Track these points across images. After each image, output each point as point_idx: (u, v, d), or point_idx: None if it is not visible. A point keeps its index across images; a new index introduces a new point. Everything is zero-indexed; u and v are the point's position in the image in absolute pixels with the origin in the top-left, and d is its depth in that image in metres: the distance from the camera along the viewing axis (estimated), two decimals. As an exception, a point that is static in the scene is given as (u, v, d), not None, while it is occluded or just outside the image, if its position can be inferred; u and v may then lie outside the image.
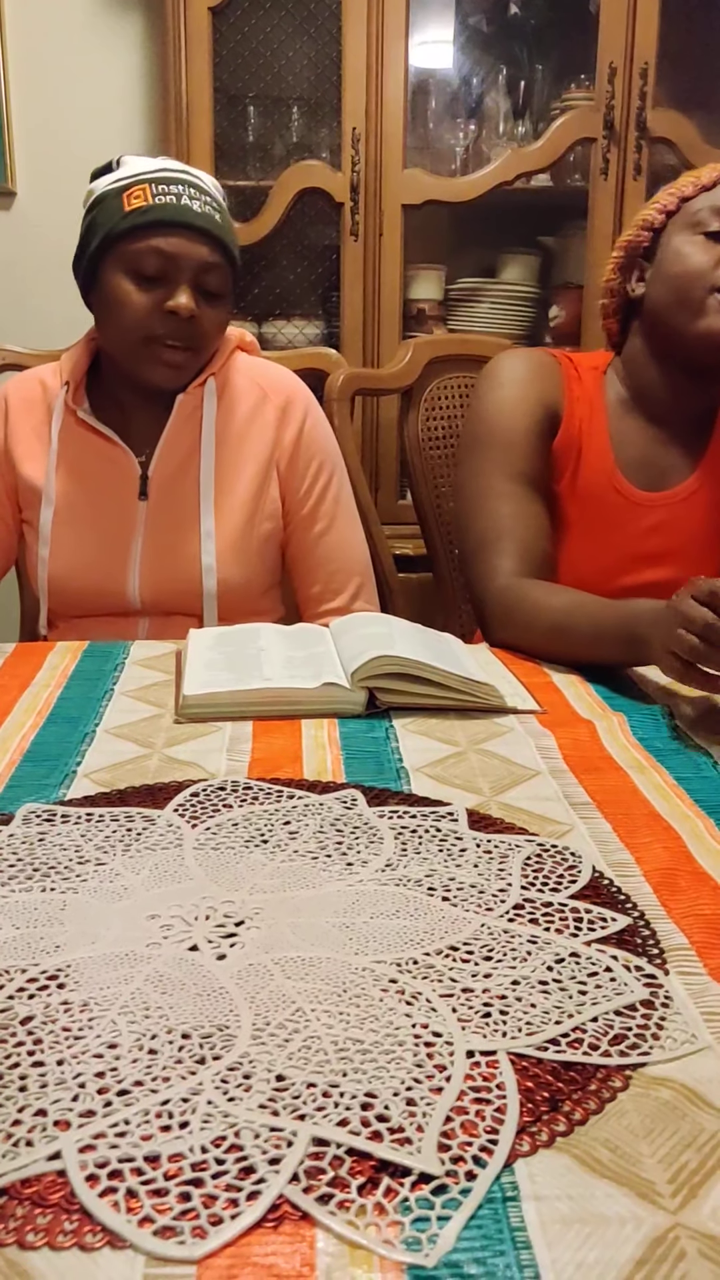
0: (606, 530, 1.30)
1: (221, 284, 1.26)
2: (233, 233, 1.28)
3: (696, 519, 1.30)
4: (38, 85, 2.39)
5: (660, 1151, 0.42)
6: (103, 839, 0.69)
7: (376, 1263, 0.37)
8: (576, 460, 1.30)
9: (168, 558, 1.31)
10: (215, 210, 1.25)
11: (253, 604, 1.36)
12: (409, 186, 2.20)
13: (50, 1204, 0.40)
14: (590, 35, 2.15)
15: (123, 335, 1.25)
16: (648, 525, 1.30)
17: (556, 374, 1.32)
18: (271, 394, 1.36)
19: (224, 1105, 0.44)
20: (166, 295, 1.22)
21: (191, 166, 1.29)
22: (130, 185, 1.23)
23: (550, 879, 0.64)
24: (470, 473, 1.29)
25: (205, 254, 1.22)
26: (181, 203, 1.22)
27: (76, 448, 1.32)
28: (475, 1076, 0.46)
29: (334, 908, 0.60)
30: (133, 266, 1.22)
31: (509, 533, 1.23)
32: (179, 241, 1.21)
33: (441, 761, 0.83)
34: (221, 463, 1.33)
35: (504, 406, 1.29)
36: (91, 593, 1.33)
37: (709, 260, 1.21)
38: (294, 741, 0.87)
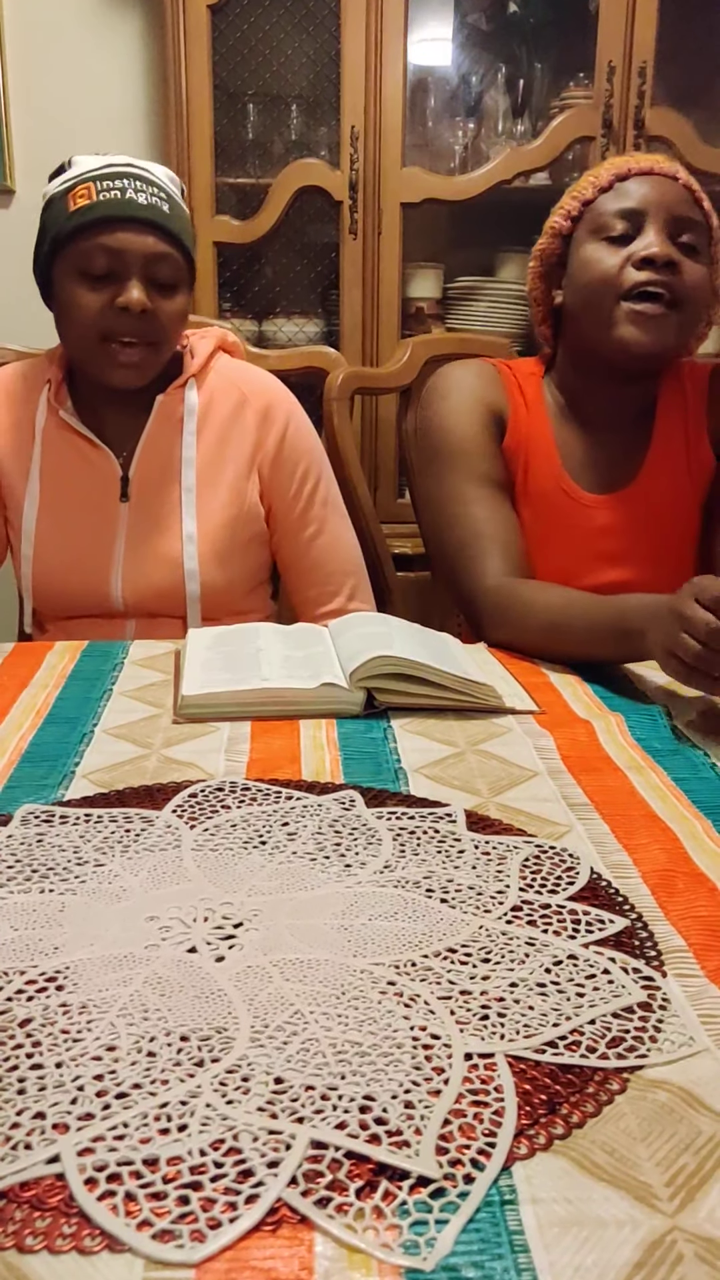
0: (560, 533, 1.30)
1: (174, 274, 1.23)
2: (184, 222, 1.25)
3: (645, 517, 1.31)
4: (37, 83, 2.38)
5: (658, 1154, 0.42)
6: (101, 840, 0.69)
7: (375, 1266, 0.38)
8: (525, 464, 1.31)
9: (150, 560, 1.31)
10: (163, 201, 1.22)
11: (237, 604, 1.36)
12: (408, 185, 2.20)
13: (49, 1207, 0.40)
14: (589, 34, 2.15)
15: (79, 338, 1.24)
16: (599, 526, 1.30)
17: (498, 381, 1.33)
18: (251, 397, 1.35)
19: (222, 1108, 0.44)
20: (118, 292, 1.20)
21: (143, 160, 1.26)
22: (75, 185, 1.21)
23: (548, 881, 0.64)
24: (435, 483, 1.29)
25: (153, 245, 1.20)
26: (125, 197, 1.19)
27: (59, 448, 1.32)
28: (473, 1079, 0.46)
29: (332, 909, 0.60)
30: (81, 266, 1.20)
31: (487, 534, 1.23)
32: (125, 236, 1.19)
33: (440, 762, 0.83)
34: (201, 465, 1.32)
35: (455, 415, 1.29)
36: (75, 594, 1.32)
37: (616, 264, 1.20)
38: (292, 742, 0.87)
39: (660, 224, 1.19)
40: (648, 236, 1.19)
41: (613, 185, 1.23)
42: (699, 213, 1.22)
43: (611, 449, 1.31)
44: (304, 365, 1.60)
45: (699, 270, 1.20)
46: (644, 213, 1.20)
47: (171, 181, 1.27)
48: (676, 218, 1.20)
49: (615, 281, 1.20)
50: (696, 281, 1.20)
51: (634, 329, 1.20)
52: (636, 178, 1.22)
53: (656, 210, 1.20)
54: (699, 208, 1.22)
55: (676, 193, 1.21)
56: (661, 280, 1.18)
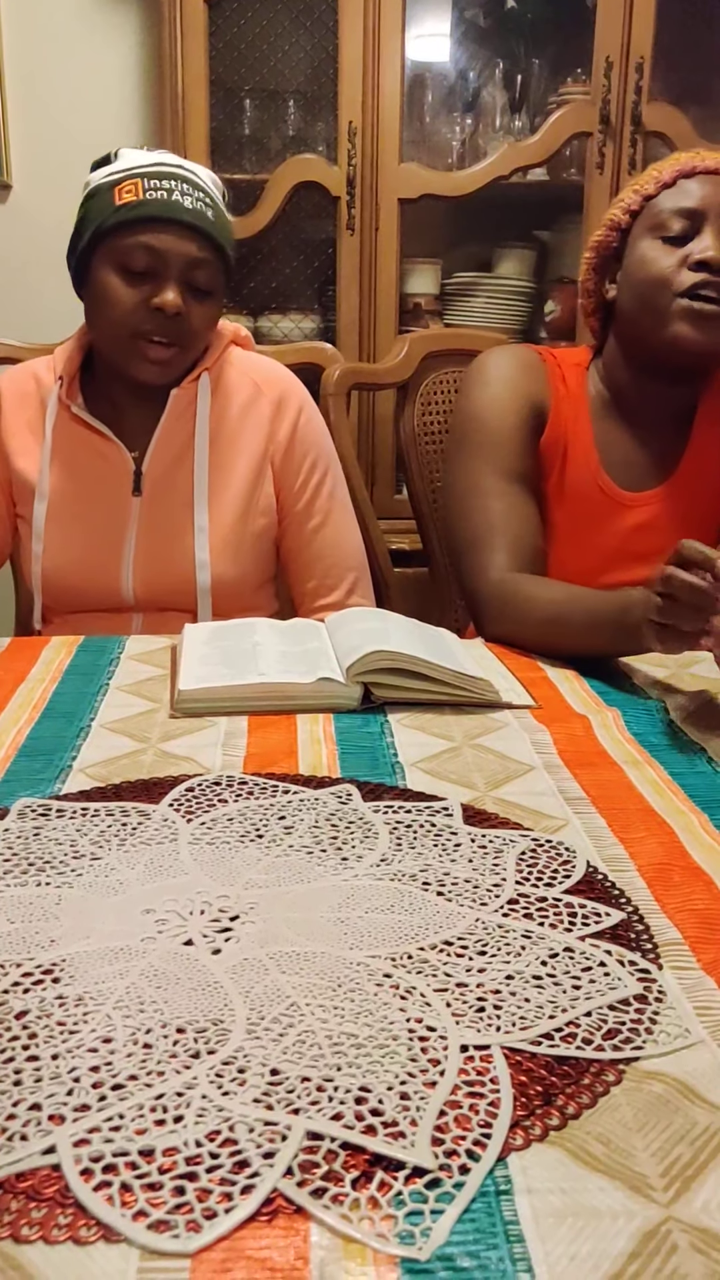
0: (591, 530, 1.30)
1: (211, 281, 1.25)
2: (227, 229, 1.27)
3: (677, 518, 1.30)
4: (34, 78, 2.38)
5: (653, 1145, 0.43)
6: (98, 834, 0.69)
7: (370, 1256, 0.38)
8: (563, 459, 1.30)
9: (161, 553, 1.31)
10: (208, 206, 1.24)
11: (247, 600, 1.36)
12: (405, 180, 2.20)
13: (45, 1198, 0.40)
14: (587, 29, 2.15)
15: (110, 330, 1.25)
16: (631, 525, 1.30)
17: (542, 371, 1.32)
18: (265, 389, 1.36)
19: (218, 1099, 0.44)
20: (154, 291, 1.21)
21: (189, 161, 1.28)
22: (122, 180, 1.22)
23: (544, 874, 0.64)
24: (460, 471, 1.29)
25: (194, 250, 1.21)
26: (172, 198, 1.21)
27: (70, 443, 1.32)
28: (469, 1071, 0.46)
29: (329, 902, 0.60)
30: (121, 262, 1.21)
31: (500, 529, 1.22)
32: (168, 238, 1.20)
33: (436, 756, 0.83)
34: (215, 458, 1.33)
35: (492, 404, 1.28)
36: (85, 588, 1.33)
37: (672, 265, 1.19)
38: (289, 736, 0.87)
39: (715, 226, 1.18)
40: (705, 239, 1.18)
41: (676, 182, 1.21)
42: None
43: (650, 446, 1.31)
44: (301, 361, 1.59)
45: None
46: (704, 213, 1.19)
47: (215, 185, 1.28)
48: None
49: (670, 281, 1.19)
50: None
51: (687, 326, 1.19)
52: (700, 176, 1.20)
53: (716, 212, 1.18)
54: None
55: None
56: (715, 283, 1.17)
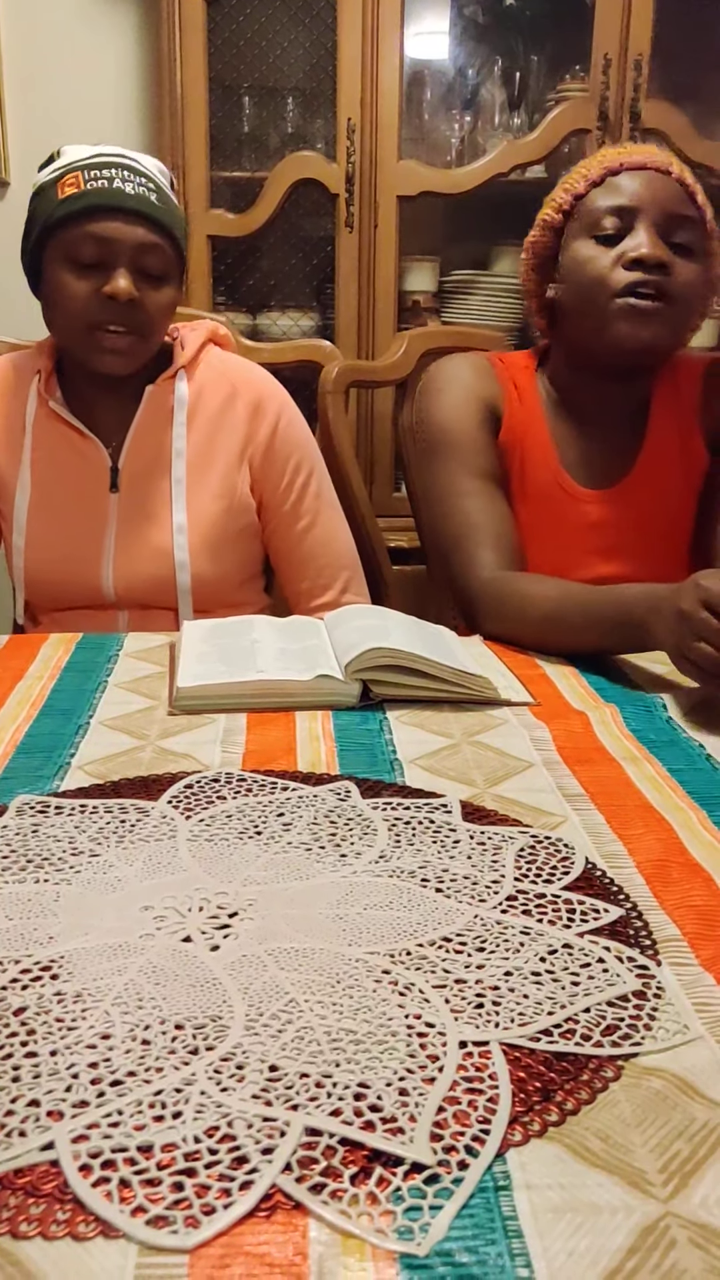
0: (554, 527, 1.30)
1: (163, 265, 1.23)
2: (174, 213, 1.25)
3: (640, 512, 1.31)
4: (32, 75, 2.38)
5: (651, 1141, 0.43)
6: (96, 830, 0.69)
7: (369, 1251, 0.38)
8: (520, 458, 1.30)
9: (140, 551, 1.31)
10: (151, 191, 1.22)
11: (229, 596, 1.36)
12: (404, 178, 2.20)
13: (43, 1194, 0.40)
14: (585, 26, 2.15)
15: (66, 325, 1.24)
16: (594, 520, 1.30)
17: (492, 375, 1.33)
18: (242, 390, 1.35)
19: (217, 1095, 0.44)
20: (105, 280, 1.20)
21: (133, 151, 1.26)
22: (64, 174, 1.21)
23: (543, 870, 0.64)
24: (432, 477, 1.29)
25: (141, 235, 1.20)
26: (113, 186, 1.19)
27: (49, 438, 1.32)
28: (468, 1067, 0.46)
29: (327, 899, 0.60)
30: (70, 255, 1.20)
31: (482, 527, 1.23)
32: (113, 225, 1.19)
33: (435, 753, 0.83)
34: (191, 457, 1.32)
35: (451, 409, 1.29)
36: (67, 585, 1.32)
37: (608, 264, 1.19)
38: (288, 733, 0.87)
39: (651, 223, 1.18)
40: (639, 236, 1.18)
41: (604, 179, 1.21)
42: (692, 208, 1.20)
43: (606, 443, 1.31)
44: (299, 359, 1.59)
45: (691, 269, 1.19)
46: (635, 210, 1.19)
47: (161, 173, 1.27)
48: (669, 215, 1.18)
49: (607, 281, 1.19)
50: (688, 280, 1.18)
51: (627, 325, 1.19)
52: (629, 172, 1.20)
53: (648, 208, 1.18)
54: (692, 203, 1.20)
55: (669, 189, 1.19)
56: (652, 281, 1.17)
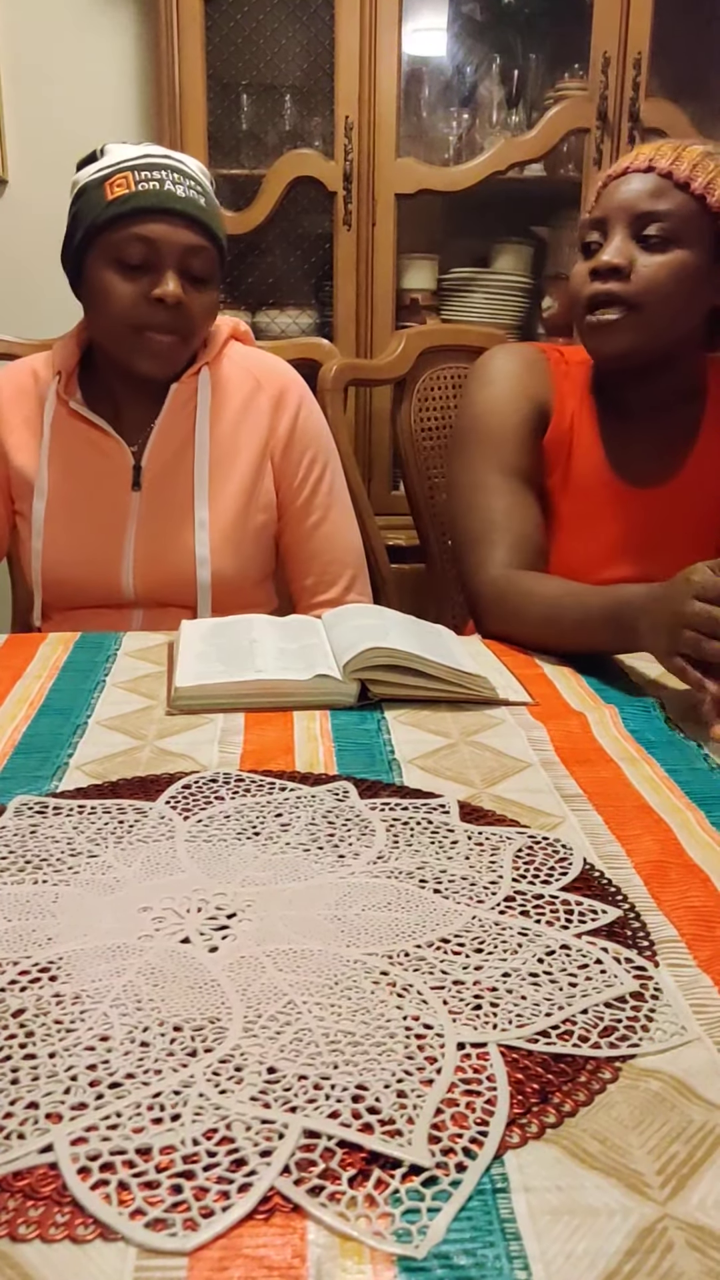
0: (597, 523, 1.30)
1: (208, 268, 1.24)
2: (219, 216, 1.26)
3: (687, 511, 1.30)
4: (30, 73, 2.37)
5: (649, 1143, 0.43)
6: (94, 831, 0.69)
7: (367, 1254, 0.38)
8: (568, 456, 1.30)
9: (161, 549, 1.31)
10: (199, 194, 1.23)
11: (247, 596, 1.36)
12: (402, 175, 2.20)
13: (42, 1196, 0.40)
14: (584, 25, 2.14)
15: (111, 326, 1.24)
16: (637, 519, 1.30)
17: (545, 370, 1.32)
18: (265, 383, 1.36)
19: (215, 1098, 0.44)
20: (153, 283, 1.21)
21: (177, 152, 1.27)
22: (111, 174, 1.21)
23: (541, 871, 0.64)
24: (462, 468, 1.29)
25: (189, 238, 1.21)
26: (164, 188, 1.20)
27: (69, 438, 1.32)
28: (466, 1068, 0.47)
29: (325, 900, 0.60)
30: (117, 256, 1.21)
31: (501, 526, 1.23)
32: (162, 228, 1.20)
33: (433, 753, 0.83)
34: (215, 453, 1.32)
35: (494, 403, 1.29)
36: (85, 584, 1.32)
37: (582, 280, 1.21)
38: (286, 733, 0.87)
39: (618, 228, 1.18)
40: (606, 244, 1.19)
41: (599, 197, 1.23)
42: (677, 198, 1.17)
43: (656, 441, 1.30)
44: (298, 357, 1.59)
45: (658, 262, 1.17)
46: (605, 220, 1.20)
47: (204, 175, 1.28)
48: (639, 215, 1.17)
49: (581, 297, 1.21)
50: (653, 276, 1.17)
51: (593, 340, 1.21)
52: (613, 182, 1.21)
53: (617, 214, 1.19)
54: (678, 190, 1.17)
55: (643, 186, 1.18)
56: (606, 290, 1.18)
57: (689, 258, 1.18)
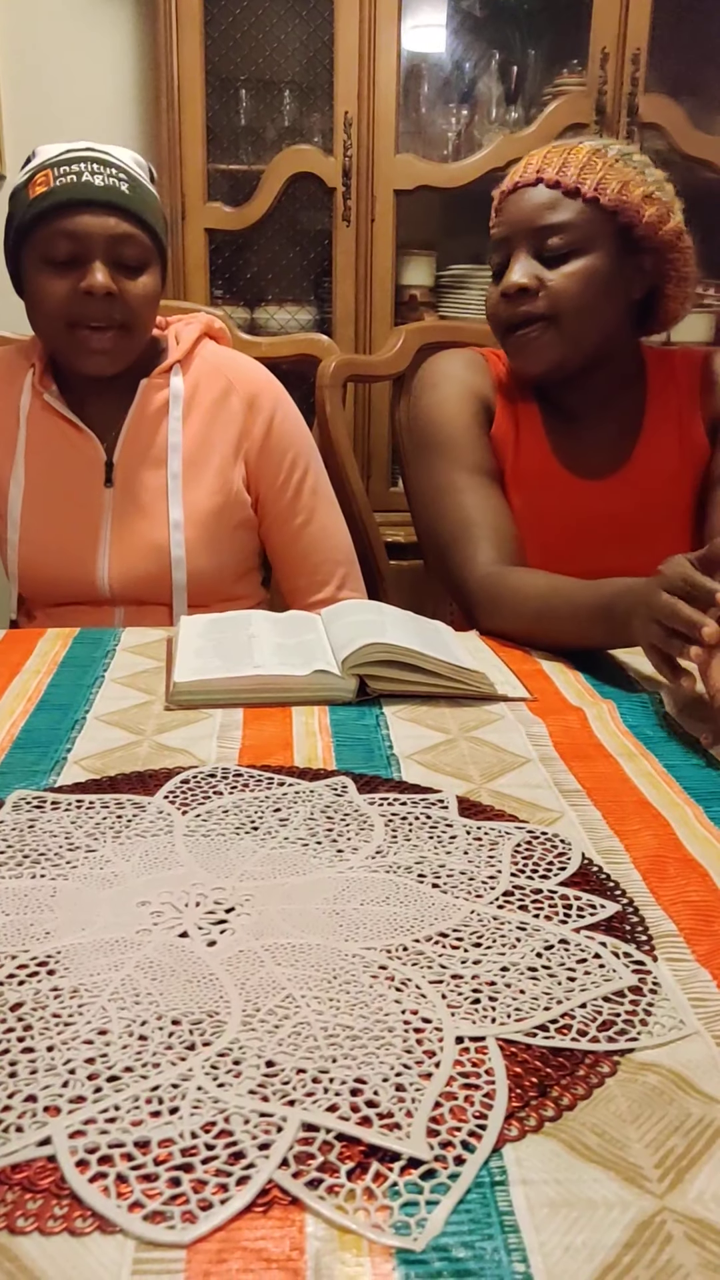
0: (552, 519, 1.30)
1: (139, 255, 1.22)
2: (149, 201, 1.24)
3: (638, 502, 1.30)
4: (28, 69, 2.37)
5: (647, 1136, 0.43)
6: (93, 826, 0.69)
7: (365, 1246, 0.38)
8: (514, 453, 1.30)
9: (136, 546, 1.30)
10: (122, 181, 1.21)
11: (226, 591, 1.36)
12: (401, 172, 2.20)
13: (40, 1189, 0.40)
14: (583, 20, 2.14)
15: (48, 325, 1.23)
16: (591, 512, 1.30)
17: (485, 369, 1.33)
18: (238, 385, 1.34)
19: (214, 1091, 0.44)
20: (81, 276, 1.19)
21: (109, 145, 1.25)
22: (34, 174, 1.21)
23: (540, 866, 0.64)
24: (425, 474, 1.29)
25: (113, 225, 1.19)
26: (81, 180, 1.19)
27: (44, 432, 1.31)
28: (464, 1062, 0.47)
29: (324, 894, 0.60)
30: (44, 254, 1.20)
31: (478, 522, 1.23)
32: (83, 219, 1.18)
33: (432, 749, 0.83)
34: (187, 451, 1.31)
35: (444, 405, 1.29)
36: (61, 580, 1.32)
37: (494, 303, 1.22)
38: (284, 728, 0.87)
39: (520, 246, 1.19)
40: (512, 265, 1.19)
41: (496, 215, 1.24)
42: (570, 207, 1.17)
43: (601, 434, 1.31)
44: (296, 353, 1.59)
45: (565, 274, 1.17)
46: (508, 241, 1.20)
47: (136, 164, 1.26)
48: (535, 230, 1.18)
49: (498, 320, 1.22)
50: (562, 287, 1.17)
51: (518, 359, 1.23)
52: (505, 200, 1.22)
53: (515, 234, 1.20)
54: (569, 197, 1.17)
55: (535, 200, 1.18)
56: (519, 311, 1.19)
57: (594, 262, 1.18)
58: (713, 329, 2.38)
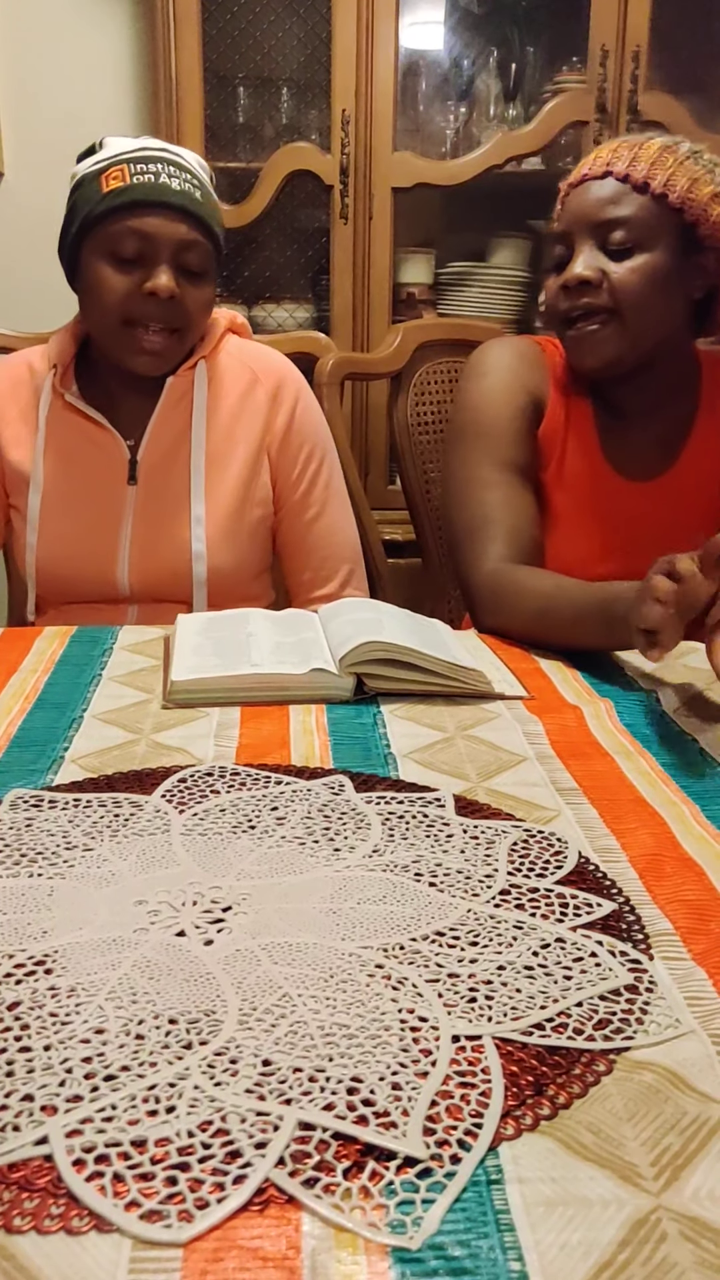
0: (592, 517, 1.30)
1: (203, 262, 1.24)
2: (215, 210, 1.26)
3: (681, 505, 1.30)
4: (27, 66, 2.37)
5: (643, 1134, 0.43)
6: (90, 825, 0.69)
7: (361, 1245, 0.38)
8: (562, 449, 1.30)
9: (157, 543, 1.31)
10: (195, 187, 1.23)
11: (243, 589, 1.36)
12: (399, 169, 2.19)
13: (37, 1188, 0.40)
14: (582, 17, 2.14)
15: (104, 319, 1.24)
16: (633, 513, 1.30)
17: (541, 362, 1.32)
18: (263, 377, 1.35)
19: (210, 1090, 0.44)
20: (146, 276, 1.20)
21: (175, 145, 1.27)
22: (108, 167, 1.21)
23: (536, 864, 0.64)
24: (458, 461, 1.29)
25: (184, 232, 1.20)
26: (159, 181, 1.20)
27: (64, 432, 1.31)
28: (460, 1061, 0.47)
29: (321, 893, 0.60)
30: (111, 249, 1.20)
31: (496, 520, 1.22)
32: (156, 221, 1.19)
33: (429, 747, 0.83)
34: (212, 447, 1.32)
35: (489, 395, 1.28)
36: (80, 579, 1.32)
37: (555, 295, 1.22)
38: (282, 727, 0.87)
39: (584, 239, 1.19)
40: (574, 258, 1.19)
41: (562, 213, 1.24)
42: (636, 201, 1.17)
43: (651, 435, 1.30)
44: (294, 351, 1.59)
45: (628, 268, 1.18)
46: (571, 234, 1.20)
47: (202, 168, 1.27)
48: (599, 224, 1.18)
49: (557, 314, 1.22)
50: (624, 281, 1.17)
51: (576, 353, 1.22)
52: (572, 193, 1.22)
53: (579, 227, 1.19)
54: (637, 193, 1.17)
55: (601, 194, 1.18)
56: (581, 304, 1.18)
57: (657, 259, 1.18)
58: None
